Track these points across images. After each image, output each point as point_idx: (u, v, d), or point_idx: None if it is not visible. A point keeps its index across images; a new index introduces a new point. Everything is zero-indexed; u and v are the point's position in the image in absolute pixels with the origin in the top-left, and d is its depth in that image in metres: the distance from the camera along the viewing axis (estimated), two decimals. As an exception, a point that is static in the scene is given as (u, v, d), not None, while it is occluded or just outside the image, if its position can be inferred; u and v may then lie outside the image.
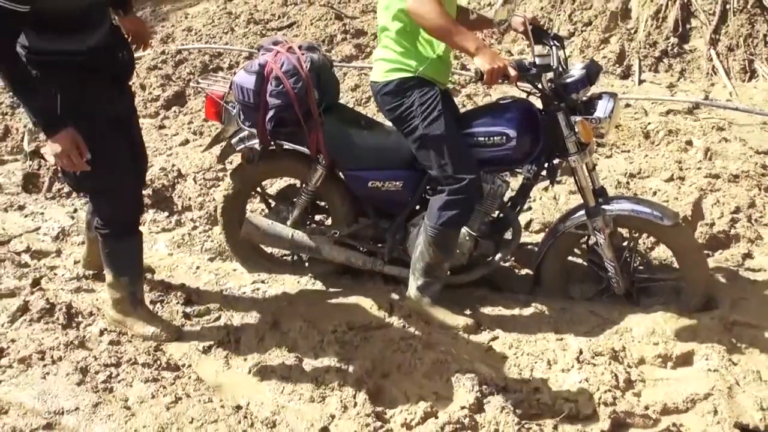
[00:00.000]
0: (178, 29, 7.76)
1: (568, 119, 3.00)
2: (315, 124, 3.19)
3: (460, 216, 3.11)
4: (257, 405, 2.73)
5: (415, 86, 3.04)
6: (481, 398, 2.65)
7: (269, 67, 3.14)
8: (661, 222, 3.08)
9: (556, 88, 2.99)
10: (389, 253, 3.40)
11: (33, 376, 2.83)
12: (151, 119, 5.90)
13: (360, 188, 3.32)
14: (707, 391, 2.70)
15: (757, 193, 4.13)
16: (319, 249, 3.44)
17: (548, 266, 3.35)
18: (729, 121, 5.12)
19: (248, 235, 3.52)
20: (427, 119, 3.02)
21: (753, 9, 5.83)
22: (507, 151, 3.08)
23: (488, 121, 3.12)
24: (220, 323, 3.24)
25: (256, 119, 3.21)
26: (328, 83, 3.26)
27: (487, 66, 2.72)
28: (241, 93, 3.21)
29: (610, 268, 3.21)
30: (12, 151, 5.36)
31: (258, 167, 3.45)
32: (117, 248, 3.13)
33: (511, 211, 3.34)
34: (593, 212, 3.11)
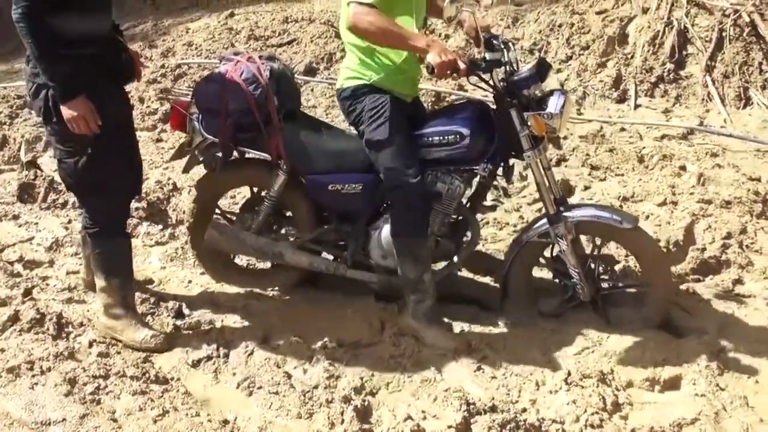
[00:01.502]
0: (179, 43, 7.79)
1: (521, 115, 3.02)
2: (275, 129, 3.24)
3: (415, 222, 3.12)
4: (245, 420, 2.73)
5: (367, 93, 3.11)
6: (468, 418, 2.66)
7: (229, 75, 3.21)
8: (621, 225, 3.09)
9: (508, 85, 3.03)
10: (351, 257, 3.40)
11: (21, 386, 2.83)
12: (148, 132, 5.91)
13: (320, 192, 3.32)
14: (694, 415, 2.70)
15: (749, 219, 4.15)
16: (282, 254, 3.44)
17: (514, 277, 3.35)
18: (723, 148, 5.15)
19: (212, 242, 3.51)
20: (372, 124, 3.07)
21: (749, 37, 5.86)
22: (461, 150, 3.10)
23: (442, 121, 3.16)
24: (210, 337, 3.24)
25: (219, 126, 3.25)
26: (287, 90, 3.32)
27: (437, 59, 2.77)
28: (203, 101, 3.27)
29: (574, 274, 3.21)
30: (8, 161, 5.36)
31: (221, 177, 3.48)
32: (108, 248, 3.20)
33: (469, 211, 3.35)
34: (554, 219, 3.13)
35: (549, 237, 3.20)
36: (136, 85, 6.48)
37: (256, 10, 8.45)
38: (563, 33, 6.63)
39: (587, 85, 6.13)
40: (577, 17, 6.71)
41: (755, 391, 2.88)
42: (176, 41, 7.92)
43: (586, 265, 3.26)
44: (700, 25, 6.14)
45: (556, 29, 6.72)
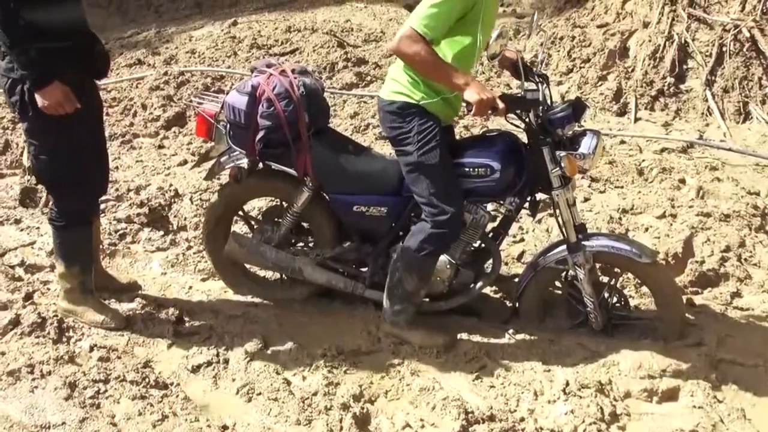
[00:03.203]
0: (182, 51, 7.82)
1: (553, 154, 3.02)
2: (303, 146, 3.21)
3: (440, 248, 3.12)
4: (243, 426, 2.74)
5: (416, 114, 3.06)
6: (466, 426, 2.67)
7: (261, 89, 3.17)
8: (639, 260, 3.09)
9: (542, 123, 3.02)
10: (371, 278, 3.40)
11: (21, 390, 2.84)
12: (150, 139, 5.95)
13: (345, 212, 3.33)
14: (692, 427, 2.71)
15: (748, 233, 4.16)
16: (301, 270, 3.45)
17: (528, 298, 3.36)
18: (722, 162, 5.17)
19: (232, 253, 3.53)
20: (423, 148, 3.04)
21: (749, 52, 5.90)
22: (490, 183, 3.09)
23: (474, 153, 3.14)
24: (210, 343, 3.25)
25: (246, 139, 3.24)
26: (318, 107, 3.29)
27: (476, 97, 2.77)
28: (233, 113, 3.24)
29: (588, 303, 3.22)
30: (11, 166, 5.39)
31: (245, 186, 3.47)
32: (69, 239, 3.27)
33: (492, 241, 3.36)
34: (574, 248, 3.13)
35: (566, 264, 3.20)
36: (139, 91, 6.54)
37: (259, 19, 8.51)
38: (564, 46, 6.68)
39: (588, 97, 6.16)
40: (579, 30, 6.76)
41: (753, 403, 2.89)
42: (179, 49, 7.96)
43: (601, 295, 3.26)
44: (701, 39, 6.17)
45: (558, 42, 6.77)
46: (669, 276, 3.36)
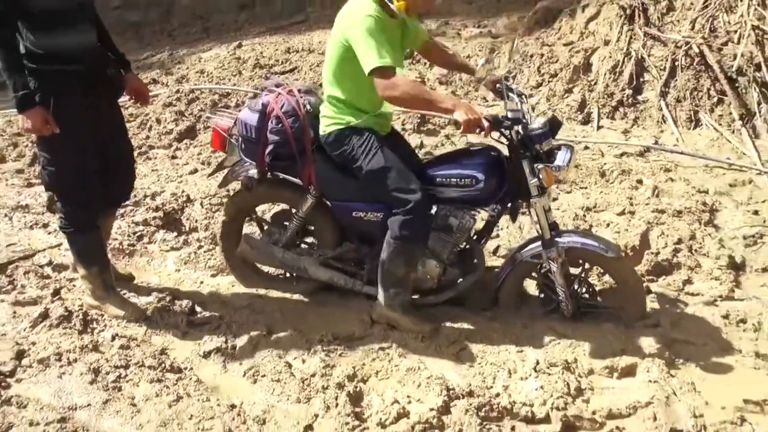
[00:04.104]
0: (192, 71, 7.82)
1: (531, 166, 3.03)
2: (308, 159, 3.22)
3: (417, 232, 3.11)
4: (250, 404, 2.75)
5: (351, 134, 3.10)
6: (448, 401, 2.68)
7: (271, 107, 3.18)
8: (606, 254, 3.13)
9: (522, 138, 3.04)
10: (368, 275, 3.41)
11: (50, 375, 2.86)
12: (164, 150, 5.95)
13: (345, 217, 3.34)
14: (648, 399, 2.73)
15: (698, 227, 4.19)
16: (306, 268, 3.46)
17: (507, 289, 3.37)
18: (675, 164, 5.19)
19: (244, 253, 3.54)
20: (367, 157, 3.07)
21: (698, 66, 5.92)
22: (475, 192, 3.12)
23: (460, 165, 3.16)
24: (220, 332, 3.26)
25: (256, 152, 3.25)
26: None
27: (465, 117, 2.79)
28: (245, 128, 3.25)
29: (560, 293, 3.24)
30: (38, 176, 5.37)
31: (255, 194, 3.48)
32: (81, 243, 3.28)
33: (476, 243, 3.37)
34: (548, 244, 3.15)
35: (541, 258, 3.22)
36: (153, 107, 6.54)
37: (261, 42, 8.50)
38: (534, 62, 6.69)
39: (555, 108, 6.18)
40: (547, 48, 6.78)
41: (702, 378, 2.91)
42: (190, 69, 7.95)
43: (572, 286, 3.29)
44: (656, 55, 6.19)
45: (528, 59, 6.78)
46: (632, 269, 3.38)
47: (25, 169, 5.55)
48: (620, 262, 3.21)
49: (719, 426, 2.59)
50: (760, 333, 3.25)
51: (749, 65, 5.76)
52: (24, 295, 3.49)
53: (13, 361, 2.93)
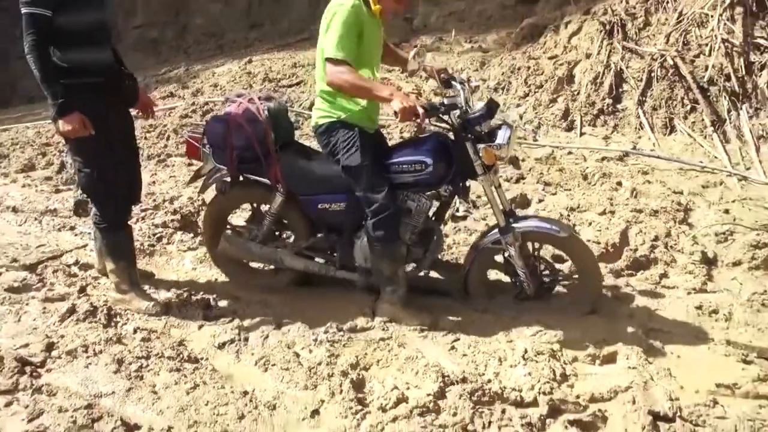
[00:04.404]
0: (206, 85, 7.82)
1: (474, 147, 3.05)
2: (273, 159, 3.26)
3: (389, 230, 3.13)
4: (261, 391, 2.75)
5: (339, 128, 3.13)
6: (443, 387, 2.69)
7: (233, 115, 3.24)
8: (559, 234, 3.15)
9: (463, 122, 3.07)
10: (340, 261, 3.42)
11: (78, 366, 2.87)
12: (181, 158, 5.93)
13: (312, 209, 3.35)
14: (627, 384, 2.73)
15: (673, 225, 4.20)
16: (282, 259, 3.47)
17: (473, 276, 3.37)
18: (652, 167, 5.20)
19: (225, 251, 3.55)
20: (346, 153, 3.10)
21: (673, 77, 5.92)
22: (426, 176, 3.12)
23: (410, 152, 3.17)
24: (233, 324, 3.26)
25: (225, 157, 3.29)
26: (282, 125, 3.35)
27: (400, 105, 2.81)
28: (213, 137, 3.30)
29: (521, 273, 3.25)
30: (66, 182, 5.39)
31: (229, 196, 3.50)
32: (112, 240, 3.33)
33: (435, 223, 3.38)
34: (505, 230, 3.17)
35: (500, 244, 3.24)
36: (171, 119, 6.55)
37: (270, 57, 8.50)
38: (521, 75, 6.69)
39: (541, 117, 6.19)
40: (533, 62, 6.78)
41: (677, 364, 2.92)
42: (204, 83, 7.95)
43: (530, 265, 3.29)
44: (633, 67, 6.19)
45: (516, 71, 6.77)
46: (585, 245, 3.36)
47: (53, 177, 5.55)
48: (572, 240, 3.21)
49: (693, 408, 2.60)
50: (731, 322, 3.27)
51: (719, 76, 5.76)
52: (53, 292, 3.50)
53: (43, 352, 2.94)
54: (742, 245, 3.90)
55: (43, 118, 7.33)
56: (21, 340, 3.03)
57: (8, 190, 5.17)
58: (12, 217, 4.66)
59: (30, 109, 8.60)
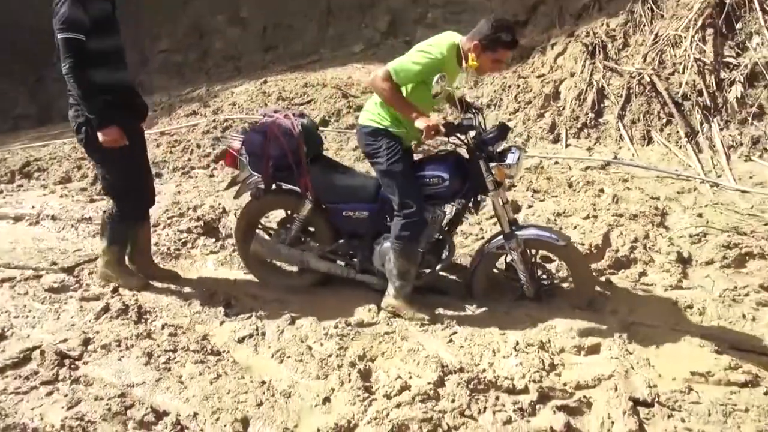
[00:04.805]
0: (226, 103, 7.84)
1: (487, 165, 3.08)
2: (304, 170, 3.29)
3: (414, 233, 3.15)
4: (277, 381, 2.77)
5: (384, 135, 3.14)
6: (442, 376, 2.70)
7: (271, 129, 3.28)
8: (558, 243, 3.17)
9: (477, 143, 3.10)
10: (360, 265, 3.44)
11: (111, 359, 2.90)
12: (203, 170, 5.97)
13: (337, 216, 3.38)
14: (610, 373, 2.74)
15: (651, 227, 4.21)
16: (307, 261, 3.50)
17: (478, 278, 3.39)
18: (632, 175, 5.21)
19: (256, 252, 3.57)
20: (390, 159, 3.11)
21: (650, 93, 5.94)
22: (442, 189, 3.16)
23: (429, 167, 3.20)
24: (252, 320, 3.28)
25: (262, 166, 3.32)
26: (313, 140, 3.38)
27: (424, 124, 2.87)
28: (251, 147, 3.34)
29: (522, 277, 3.27)
30: (100, 193, 5.42)
31: (262, 202, 3.52)
32: (121, 229, 3.48)
33: (447, 233, 3.39)
34: (509, 236, 3.18)
35: (504, 249, 3.25)
36: (194, 135, 6.58)
37: (283, 78, 8.52)
38: (512, 92, 6.71)
39: (530, 130, 6.20)
40: (522, 80, 6.80)
41: (655, 354, 2.92)
42: (224, 102, 7.98)
43: (530, 269, 3.31)
44: (613, 84, 6.21)
45: (507, 89, 6.79)
46: (580, 254, 3.40)
47: (87, 188, 5.58)
48: (569, 248, 3.22)
49: (670, 394, 2.61)
50: (704, 316, 3.27)
51: (693, 91, 5.77)
52: (89, 292, 3.52)
53: (80, 347, 2.96)
54: (714, 246, 3.91)
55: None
56: (60, 335, 3.06)
57: (48, 201, 5.19)
58: (51, 225, 4.68)
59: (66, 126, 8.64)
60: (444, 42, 3.00)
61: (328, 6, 10.08)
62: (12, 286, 3.56)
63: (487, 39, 2.93)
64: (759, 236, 4.02)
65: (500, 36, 2.93)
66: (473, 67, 2.99)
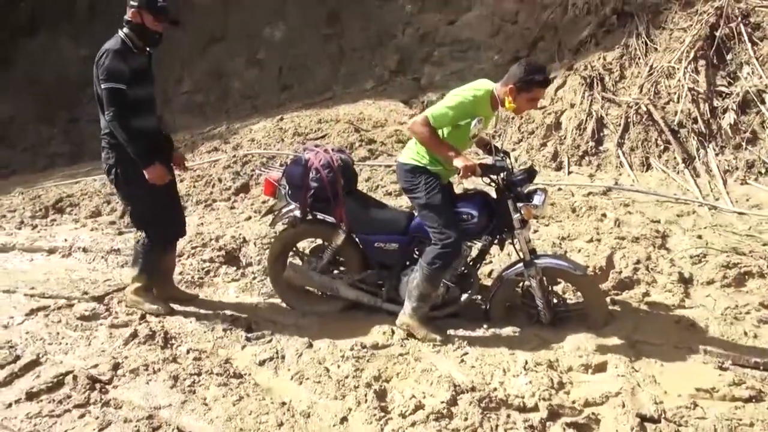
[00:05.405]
0: (245, 140, 7.94)
1: (515, 205, 3.13)
2: (340, 202, 3.33)
3: (447, 262, 3.17)
4: (297, 402, 2.78)
5: (423, 172, 3.19)
6: (455, 396, 2.70)
7: (311, 162, 3.33)
8: (575, 272, 3.18)
9: (507, 183, 3.14)
10: (387, 294, 3.46)
11: (140, 382, 2.91)
12: (225, 202, 6.03)
13: (368, 247, 3.42)
14: (617, 390, 2.73)
15: (653, 249, 4.19)
16: (337, 289, 3.52)
17: (496, 302, 3.39)
18: (632, 200, 5.19)
19: (289, 278, 3.61)
20: (429, 193, 3.15)
21: (647, 122, 5.95)
22: (471, 225, 3.20)
23: (462, 204, 3.25)
24: (272, 344, 3.30)
25: (300, 196, 3.37)
26: (350, 175, 3.43)
27: (462, 164, 2.92)
28: (291, 178, 3.38)
29: (539, 304, 3.27)
30: (128, 225, 5.48)
31: (298, 230, 3.56)
32: (151, 257, 3.55)
33: (472, 267, 3.41)
34: (528, 264, 3.20)
35: (523, 276, 3.27)
36: (216, 170, 6.67)
37: (299, 115, 8.63)
38: (515, 123, 6.75)
39: (533, 158, 6.22)
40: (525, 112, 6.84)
41: (660, 372, 2.91)
42: (243, 138, 8.07)
43: (547, 297, 3.30)
44: (612, 114, 6.23)
45: (510, 120, 6.83)
46: (596, 283, 3.41)
47: (116, 221, 5.65)
48: (586, 278, 3.24)
49: (676, 410, 2.59)
50: (707, 334, 3.25)
51: (688, 119, 5.78)
52: (118, 320, 3.56)
53: (110, 371, 2.99)
54: (715, 266, 3.89)
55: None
56: (91, 361, 3.09)
57: (79, 234, 5.28)
58: (83, 256, 4.75)
59: (97, 164, 8.79)
60: (476, 88, 3.08)
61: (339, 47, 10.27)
62: (46, 315, 3.60)
63: (521, 81, 3.00)
64: (757, 256, 3.99)
65: (534, 77, 3.00)
66: (510, 109, 3.06)
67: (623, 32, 6.79)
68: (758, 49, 5.85)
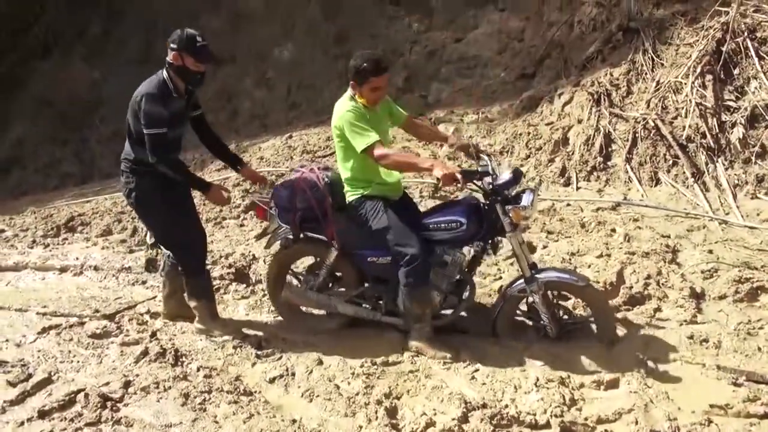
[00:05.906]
0: (254, 158, 8.00)
1: (503, 208, 3.12)
2: (330, 220, 3.35)
3: (418, 277, 3.16)
4: (308, 419, 2.77)
5: (364, 201, 3.24)
6: (466, 413, 2.69)
7: (298, 183, 3.36)
8: (578, 284, 3.16)
9: (493, 187, 3.14)
10: (385, 307, 3.45)
11: (150, 400, 2.92)
12: (234, 220, 6.06)
13: (363, 263, 3.42)
14: (630, 406, 2.71)
15: (663, 264, 4.16)
16: (335, 305, 3.52)
17: (501, 320, 3.37)
18: (642, 215, 5.16)
19: (287, 298, 3.62)
20: (373, 219, 3.19)
21: (655, 137, 5.94)
22: (461, 233, 3.19)
23: (447, 212, 3.26)
24: (282, 362, 3.30)
25: (290, 218, 3.39)
26: (338, 192, 3.43)
27: (441, 173, 2.90)
28: (280, 200, 3.42)
29: (544, 318, 3.25)
30: (138, 243, 5.53)
31: (292, 250, 3.59)
32: (194, 282, 3.53)
33: (467, 274, 3.40)
34: (530, 280, 3.18)
35: (525, 292, 3.25)
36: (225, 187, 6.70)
37: (307, 133, 8.68)
38: (523, 139, 6.75)
39: (542, 174, 6.21)
40: (532, 128, 6.85)
41: (673, 388, 2.89)
42: (252, 156, 8.13)
43: (552, 310, 3.28)
44: (620, 129, 6.23)
45: (518, 137, 6.83)
46: (600, 293, 3.39)
47: (127, 240, 5.70)
48: (589, 288, 3.22)
49: (690, 427, 2.57)
50: (720, 349, 3.22)
51: (696, 134, 5.77)
52: (128, 337, 3.57)
53: (121, 389, 3.00)
54: (726, 281, 3.86)
55: (117, 190, 7.56)
56: (103, 379, 3.11)
57: (90, 252, 5.32)
58: (94, 275, 4.79)
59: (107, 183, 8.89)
60: (345, 108, 3.17)
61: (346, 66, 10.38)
62: (58, 333, 3.63)
63: (355, 75, 3.13)
64: (770, 270, 3.96)
65: (363, 67, 3.09)
66: (364, 103, 3.14)
67: (629, 48, 6.81)
68: (765, 64, 5.86)
